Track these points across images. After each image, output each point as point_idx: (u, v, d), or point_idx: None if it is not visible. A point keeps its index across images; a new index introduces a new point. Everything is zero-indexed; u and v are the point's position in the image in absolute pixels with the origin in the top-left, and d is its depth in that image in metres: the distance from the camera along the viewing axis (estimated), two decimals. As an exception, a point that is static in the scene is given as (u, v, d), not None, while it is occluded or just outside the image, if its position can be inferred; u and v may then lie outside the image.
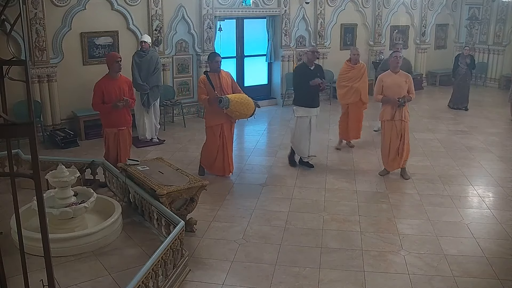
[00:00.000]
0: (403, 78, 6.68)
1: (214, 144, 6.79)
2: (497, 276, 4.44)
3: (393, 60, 6.78)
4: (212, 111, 6.66)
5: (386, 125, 6.80)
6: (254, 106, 6.67)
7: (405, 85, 6.64)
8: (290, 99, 11.66)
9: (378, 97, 6.77)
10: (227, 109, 6.42)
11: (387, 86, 6.67)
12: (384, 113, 6.78)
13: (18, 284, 3.13)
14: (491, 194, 6.46)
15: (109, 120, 6.36)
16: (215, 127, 6.75)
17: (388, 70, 6.88)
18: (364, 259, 4.72)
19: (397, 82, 6.64)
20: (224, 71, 6.88)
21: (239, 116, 6.61)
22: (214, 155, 6.83)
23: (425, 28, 14.07)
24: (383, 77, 6.82)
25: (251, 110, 6.63)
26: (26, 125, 2.13)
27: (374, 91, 6.98)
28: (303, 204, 6.04)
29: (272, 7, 11.17)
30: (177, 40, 10.02)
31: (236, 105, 6.43)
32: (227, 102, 6.35)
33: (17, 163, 6.36)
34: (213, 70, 6.68)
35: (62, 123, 8.81)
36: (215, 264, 4.62)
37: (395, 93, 6.60)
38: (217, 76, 6.64)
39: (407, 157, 6.93)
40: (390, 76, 6.73)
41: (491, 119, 10.60)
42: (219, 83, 6.62)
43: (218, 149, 6.79)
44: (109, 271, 4.31)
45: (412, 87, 6.72)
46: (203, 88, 6.61)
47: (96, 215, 5.15)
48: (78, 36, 8.80)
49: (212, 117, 6.74)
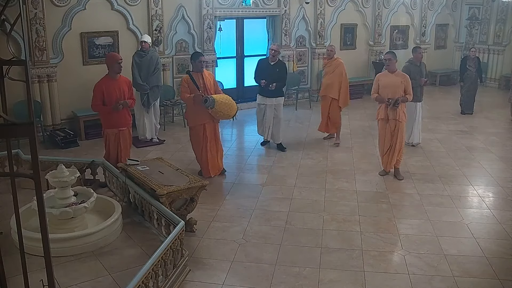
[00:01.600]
0: (399, 78, 6.70)
1: (198, 145, 6.80)
2: (497, 276, 4.44)
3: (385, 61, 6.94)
4: (194, 111, 6.67)
5: (380, 124, 6.91)
6: (236, 107, 6.76)
7: (401, 85, 6.65)
8: (290, 99, 11.69)
9: (373, 96, 6.84)
10: (212, 109, 6.45)
11: (382, 85, 6.71)
12: (379, 112, 6.87)
13: (18, 284, 3.13)
14: (491, 194, 6.46)
15: (109, 121, 6.36)
16: (198, 127, 6.75)
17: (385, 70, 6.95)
18: (364, 259, 4.72)
19: (393, 82, 6.66)
20: (207, 71, 6.97)
21: (223, 116, 6.68)
22: (200, 155, 6.83)
23: (425, 28, 14.07)
24: (380, 76, 6.91)
25: (234, 111, 6.73)
26: (26, 125, 2.13)
27: (372, 89, 7.02)
28: (303, 204, 6.04)
29: (272, 7, 11.17)
30: (177, 40, 10.02)
31: (221, 106, 6.49)
32: (212, 102, 6.40)
33: (17, 163, 6.36)
34: (196, 70, 6.71)
35: (62, 123, 8.81)
36: (215, 264, 4.62)
37: (391, 93, 6.63)
38: (200, 76, 6.69)
39: (400, 157, 6.92)
40: (386, 76, 6.78)
41: (491, 119, 10.60)
42: (203, 83, 6.66)
43: (202, 149, 6.78)
44: (109, 271, 4.31)
45: (410, 87, 6.71)
46: (186, 88, 6.64)
47: (96, 215, 5.16)
48: (78, 36, 8.80)
49: (194, 117, 6.74)
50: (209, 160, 6.81)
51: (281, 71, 7.94)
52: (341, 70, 8.51)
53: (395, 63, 6.77)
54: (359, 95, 12.36)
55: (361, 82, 12.76)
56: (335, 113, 8.62)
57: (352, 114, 10.60)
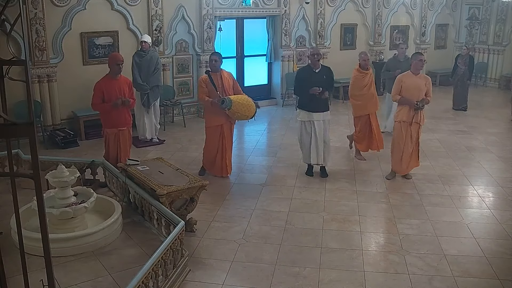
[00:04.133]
0: (423, 80, 6.53)
1: (213, 145, 6.78)
2: (497, 276, 4.44)
3: (417, 63, 6.48)
4: (212, 112, 6.63)
5: (401, 126, 6.58)
6: (255, 107, 6.63)
7: (424, 88, 6.49)
8: (290, 99, 11.70)
9: (396, 97, 6.58)
10: (229, 110, 6.40)
11: (406, 87, 6.48)
12: (400, 114, 6.58)
13: (18, 284, 3.13)
14: (491, 194, 6.46)
15: (109, 120, 6.36)
16: (215, 128, 6.73)
17: (409, 70, 6.65)
18: (364, 259, 4.72)
19: (417, 84, 6.47)
20: (226, 71, 6.83)
21: (240, 117, 6.58)
22: (213, 155, 6.82)
23: (425, 28, 14.07)
24: (403, 77, 6.60)
25: (252, 111, 6.58)
26: (26, 125, 2.12)
27: (392, 90, 6.77)
28: (303, 204, 6.04)
29: (272, 7, 11.17)
30: (177, 40, 10.02)
31: (238, 106, 6.40)
32: (229, 103, 6.32)
33: (17, 163, 6.36)
34: (213, 70, 6.64)
35: (62, 123, 8.81)
36: (215, 264, 4.62)
37: (414, 95, 6.43)
38: (218, 76, 6.61)
39: (418, 160, 6.88)
40: (410, 78, 6.53)
41: (491, 119, 10.60)
42: (221, 83, 6.58)
43: (217, 150, 6.77)
44: (109, 271, 4.31)
45: (431, 90, 6.57)
46: (204, 88, 6.55)
47: (96, 215, 5.16)
48: (78, 36, 8.80)
49: (212, 118, 6.71)
50: (226, 160, 6.79)
51: (328, 77, 6.73)
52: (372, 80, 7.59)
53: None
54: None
55: (361, 82, 12.73)
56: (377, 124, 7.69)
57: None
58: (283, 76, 11.68)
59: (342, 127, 9.54)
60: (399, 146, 6.65)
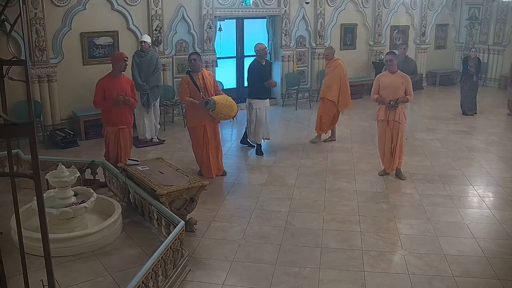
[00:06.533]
0: (400, 79, 6.63)
1: (198, 145, 6.78)
2: (497, 276, 4.44)
3: (385, 62, 6.82)
4: (194, 112, 6.66)
5: (380, 125, 6.86)
6: (236, 107, 6.74)
7: (402, 86, 6.60)
8: (290, 99, 11.70)
9: (374, 97, 6.79)
10: (213, 111, 6.43)
11: (383, 86, 6.66)
12: (379, 113, 6.82)
13: (18, 284, 3.13)
14: (491, 194, 6.46)
15: (110, 119, 6.36)
16: (198, 128, 6.73)
17: (386, 70, 6.86)
18: (364, 259, 4.72)
19: (394, 83, 6.61)
20: (207, 71, 6.93)
21: (223, 117, 6.66)
22: (200, 156, 6.82)
23: (425, 28, 14.06)
24: (381, 77, 6.84)
25: (235, 111, 6.71)
26: (26, 125, 2.12)
27: (371, 90, 6.98)
28: (303, 204, 6.04)
29: (272, 7, 11.17)
30: (177, 40, 10.02)
31: (222, 107, 6.46)
32: (213, 105, 6.37)
33: (17, 163, 6.36)
34: (194, 70, 6.68)
35: (62, 123, 8.80)
36: (215, 264, 4.62)
37: (391, 94, 6.59)
38: (200, 76, 6.66)
39: (400, 158, 6.90)
40: (387, 77, 6.72)
41: (491, 119, 10.60)
42: (203, 83, 6.63)
43: (203, 150, 6.77)
44: (109, 271, 4.31)
45: (410, 88, 6.65)
46: (186, 88, 6.60)
47: (96, 215, 5.16)
48: (78, 36, 8.80)
49: (194, 118, 6.73)
50: (211, 161, 6.79)
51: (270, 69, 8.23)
52: (340, 71, 8.48)
53: (396, 64, 6.74)
54: (359, 95, 12.35)
55: (361, 82, 12.75)
56: (327, 113, 8.58)
57: (352, 114, 10.59)
58: (283, 76, 11.67)
59: (342, 127, 9.54)
60: (381, 143, 6.92)
